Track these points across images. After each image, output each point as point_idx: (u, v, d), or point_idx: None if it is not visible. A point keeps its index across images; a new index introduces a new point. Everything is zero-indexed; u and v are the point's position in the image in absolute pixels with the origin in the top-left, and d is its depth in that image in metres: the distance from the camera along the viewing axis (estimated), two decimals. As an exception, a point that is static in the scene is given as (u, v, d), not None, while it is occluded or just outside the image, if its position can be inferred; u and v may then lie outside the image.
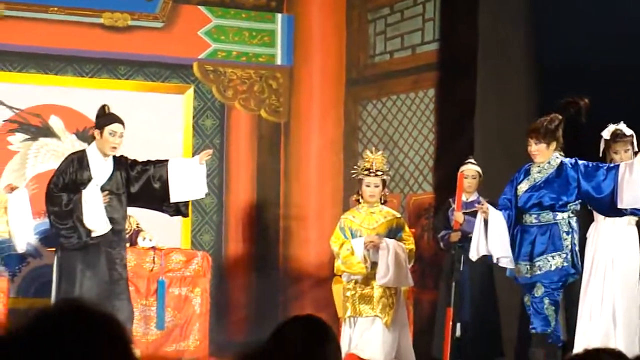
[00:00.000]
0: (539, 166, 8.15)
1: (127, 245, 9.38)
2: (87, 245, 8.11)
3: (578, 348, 7.89)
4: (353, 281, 8.75)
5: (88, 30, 10.75)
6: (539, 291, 8.22)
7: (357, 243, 8.74)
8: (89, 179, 8.14)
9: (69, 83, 10.64)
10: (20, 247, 8.43)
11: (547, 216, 8.10)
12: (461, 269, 9.01)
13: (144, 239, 9.69)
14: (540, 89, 9.93)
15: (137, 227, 9.82)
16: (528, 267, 8.15)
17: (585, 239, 8.60)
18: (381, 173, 8.80)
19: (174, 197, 8.43)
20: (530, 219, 8.16)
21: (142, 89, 10.93)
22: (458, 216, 8.82)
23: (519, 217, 8.30)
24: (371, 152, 9.11)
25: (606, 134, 8.21)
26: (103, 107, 8.45)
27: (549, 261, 8.08)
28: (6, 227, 8.49)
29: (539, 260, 8.08)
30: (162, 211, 8.77)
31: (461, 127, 10.35)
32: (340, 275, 8.94)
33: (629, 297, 8.19)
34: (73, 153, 8.50)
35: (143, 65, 10.93)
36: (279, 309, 10.85)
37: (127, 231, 9.49)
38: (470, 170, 9.38)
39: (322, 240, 10.27)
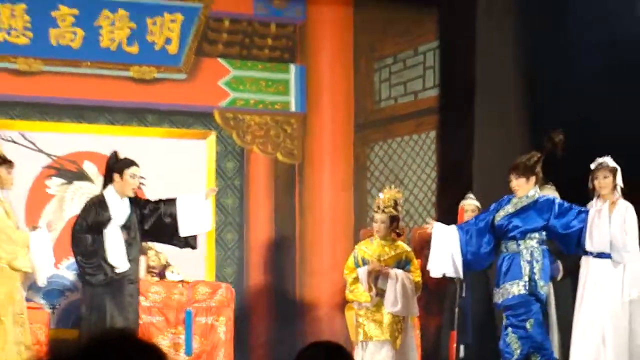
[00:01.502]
0: (518, 198, 8.27)
1: (157, 279, 9.70)
2: (112, 280, 8.20)
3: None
4: (364, 308, 8.77)
5: (118, 83, 10.73)
6: (505, 322, 8.33)
7: (362, 271, 8.80)
8: (109, 220, 8.25)
9: (101, 131, 10.65)
10: (42, 282, 8.39)
11: (512, 246, 8.21)
12: (463, 295, 9.05)
13: (172, 272, 9.79)
14: (534, 127, 10.02)
15: (166, 262, 9.89)
16: (497, 293, 8.32)
17: (577, 267, 8.65)
18: (388, 210, 8.84)
19: (183, 232, 8.51)
20: (502, 248, 8.29)
21: (169, 136, 10.94)
22: None
23: (498, 245, 8.42)
24: (381, 191, 9.17)
25: (593, 165, 8.36)
26: (115, 153, 8.54)
27: (507, 289, 8.20)
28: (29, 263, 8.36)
29: (502, 288, 8.23)
30: (173, 244, 8.85)
31: (461, 165, 10.37)
32: (352, 302, 8.98)
33: (616, 319, 8.29)
34: (93, 197, 8.57)
35: (169, 113, 10.92)
36: (297, 334, 10.65)
37: (156, 267, 9.87)
38: (470, 204, 9.42)
39: (334, 270, 10.32)
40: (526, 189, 8.25)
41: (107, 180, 8.38)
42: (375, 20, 11.44)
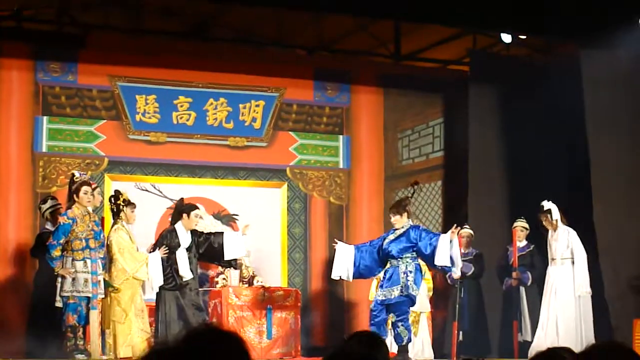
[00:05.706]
0: (397, 229, 8.52)
1: (247, 286, 10.00)
2: (181, 286, 8.66)
3: (537, 347, 8.60)
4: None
5: (219, 149, 11.20)
6: (394, 319, 8.30)
7: None
8: (179, 245, 8.71)
9: (207, 183, 11.06)
10: (155, 289, 8.55)
11: (394, 262, 8.40)
12: (462, 295, 9.67)
13: (258, 281, 10.18)
14: (511, 177, 10.94)
15: (253, 273, 10.24)
16: (381, 294, 8.43)
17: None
18: None
19: (227, 256, 8.81)
20: (388, 263, 8.48)
21: (255, 186, 11.27)
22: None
23: (385, 261, 8.54)
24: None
25: (540, 208, 9.35)
26: (182, 199, 8.97)
27: (390, 292, 8.31)
28: (146, 275, 8.57)
29: (385, 291, 8.36)
30: (220, 265, 9.16)
31: (459, 204, 11.05)
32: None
33: (568, 312, 9.05)
34: (167, 229, 8.85)
35: (255, 170, 11.29)
36: (344, 323, 11.17)
37: (246, 277, 10.15)
38: (465, 232, 10.08)
39: (369, 281, 10.03)
40: (401, 222, 8.45)
41: (177, 218, 8.80)
42: (398, 104, 11.96)
